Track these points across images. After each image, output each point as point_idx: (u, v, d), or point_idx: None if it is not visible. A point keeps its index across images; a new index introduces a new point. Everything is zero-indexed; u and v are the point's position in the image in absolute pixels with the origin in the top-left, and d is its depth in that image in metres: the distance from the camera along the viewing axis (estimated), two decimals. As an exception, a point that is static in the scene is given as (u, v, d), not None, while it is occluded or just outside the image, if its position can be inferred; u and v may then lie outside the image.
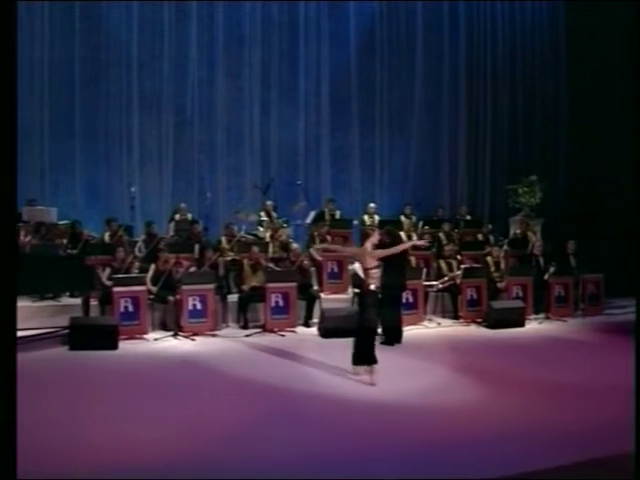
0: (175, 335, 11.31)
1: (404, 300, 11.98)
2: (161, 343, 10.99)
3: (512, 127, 19.26)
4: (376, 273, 8.96)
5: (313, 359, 9.87)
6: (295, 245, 13.49)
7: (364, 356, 8.84)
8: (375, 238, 9.38)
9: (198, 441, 6.72)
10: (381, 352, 9.16)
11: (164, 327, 11.85)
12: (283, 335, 11.71)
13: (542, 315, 13.71)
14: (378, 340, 9.60)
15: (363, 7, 18.32)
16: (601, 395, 8.28)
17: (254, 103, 17.56)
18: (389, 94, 18.53)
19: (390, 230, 11.33)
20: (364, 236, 9.87)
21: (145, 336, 11.23)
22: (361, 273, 9.13)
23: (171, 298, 11.73)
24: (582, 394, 8.36)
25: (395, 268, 10.55)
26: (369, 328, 8.91)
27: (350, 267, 14.09)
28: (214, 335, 11.51)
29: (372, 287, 8.84)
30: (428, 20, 18.72)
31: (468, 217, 17.21)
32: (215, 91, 17.32)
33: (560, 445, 6.62)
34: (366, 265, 8.94)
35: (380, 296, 9.19)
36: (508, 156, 19.15)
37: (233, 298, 12.63)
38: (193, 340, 11.16)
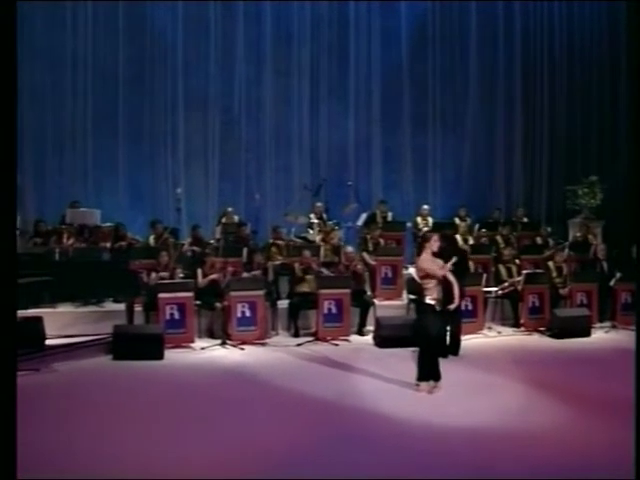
0: (223, 344, 10.79)
1: (463, 307, 11.27)
2: (209, 352, 10.48)
3: (570, 127, 18.55)
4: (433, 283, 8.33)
5: (371, 371, 9.28)
6: (350, 248, 12.89)
7: (430, 372, 8.22)
8: (435, 244, 8.64)
9: (248, 463, 6.23)
10: (441, 365, 8.56)
11: (211, 335, 11.35)
12: (336, 344, 11.12)
13: (607, 323, 12.94)
14: None
15: (415, 4, 17.72)
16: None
17: (303, 102, 17.10)
18: (442, 93, 17.93)
19: (446, 234, 10.67)
20: (423, 241, 9.16)
21: (192, 345, 10.75)
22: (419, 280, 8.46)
23: (218, 305, 11.22)
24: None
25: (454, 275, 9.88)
26: (434, 340, 8.28)
27: (406, 272, 13.58)
28: (264, 344, 10.97)
29: (429, 300, 8.22)
30: (482, 17, 18.04)
31: (525, 219, 16.53)
32: (263, 90, 16.89)
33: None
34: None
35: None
36: (566, 157, 18.45)
37: (283, 304, 12.09)
38: (242, 349, 10.64)
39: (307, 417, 7.54)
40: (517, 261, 13.70)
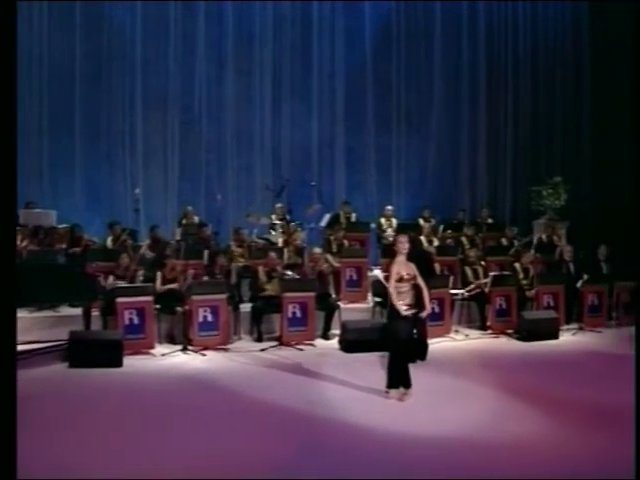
0: (184, 350, 10.40)
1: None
2: (169, 359, 10.09)
3: (534, 128, 18.59)
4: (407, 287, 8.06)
5: (339, 378, 8.96)
6: (317, 249, 12.56)
7: (400, 378, 7.95)
8: (403, 246, 8.32)
9: (213, 476, 5.92)
10: (410, 371, 8.27)
11: (171, 340, 10.98)
12: (301, 349, 10.81)
13: (574, 325, 12.83)
14: None
15: (379, 4, 17.52)
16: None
17: (265, 101, 16.80)
18: (406, 93, 17.80)
19: (410, 236, 10.40)
20: (394, 244, 8.83)
21: (152, 351, 10.35)
22: (390, 287, 8.13)
23: (179, 309, 10.85)
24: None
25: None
26: (404, 346, 8.01)
27: (371, 274, 13.33)
28: (226, 349, 10.63)
29: (401, 305, 7.95)
30: (447, 17, 17.96)
31: (490, 220, 16.43)
32: (224, 89, 16.54)
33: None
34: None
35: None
36: (530, 158, 18.47)
37: (245, 308, 11.75)
38: (204, 355, 10.27)
39: (275, 427, 7.21)
40: (483, 262, 13.54)
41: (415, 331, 9.37)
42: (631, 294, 13.49)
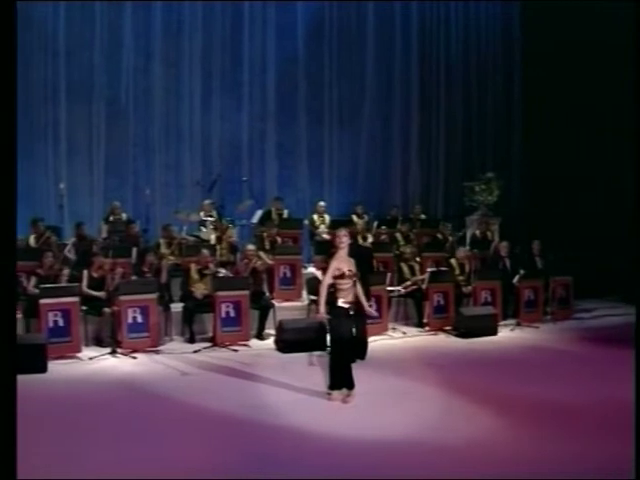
0: (113, 353, 9.92)
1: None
2: (97, 363, 9.59)
3: (466, 124, 18.63)
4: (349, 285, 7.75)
5: (278, 381, 8.61)
6: (251, 246, 12.13)
7: (343, 379, 7.63)
8: (343, 240, 7.98)
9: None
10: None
11: (99, 343, 10.50)
12: (236, 350, 10.42)
13: (511, 321, 12.79)
14: None
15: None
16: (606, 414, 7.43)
17: (194, 95, 16.28)
18: (338, 88, 17.54)
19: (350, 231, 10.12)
20: (333, 238, 8.49)
21: (78, 355, 9.84)
22: (326, 282, 7.79)
23: (107, 310, 10.34)
24: (587, 416, 7.44)
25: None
26: (348, 345, 7.70)
27: (305, 271, 13.06)
28: (157, 351, 10.18)
29: (342, 303, 7.64)
30: (379, 14, 17.78)
31: (422, 216, 16.27)
32: (151, 81, 15.99)
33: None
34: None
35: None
36: (462, 153, 18.49)
37: (176, 308, 11.31)
38: (134, 358, 9.81)
39: (215, 434, 6.80)
40: (418, 259, 13.37)
41: (354, 330, 9.10)
42: (566, 289, 13.53)
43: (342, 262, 7.69)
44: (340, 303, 7.63)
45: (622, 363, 9.59)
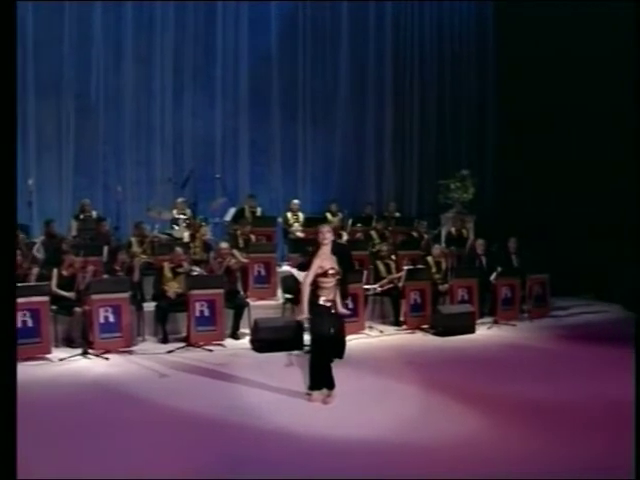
0: (84, 354, 9.64)
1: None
2: (68, 364, 9.32)
3: (440, 122, 18.51)
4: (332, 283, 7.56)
5: (256, 381, 8.41)
6: (224, 244, 11.89)
7: (323, 379, 7.44)
8: (327, 235, 7.78)
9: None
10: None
11: (70, 344, 10.22)
12: (211, 350, 10.20)
13: (488, 319, 12.69)
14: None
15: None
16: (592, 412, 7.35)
17: (165, 91, 15.97)
18: (312, 85, 17.35)
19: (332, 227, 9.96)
20: (317, 234, 8.27)
21: (48, 356, 9.55)
22: (309, 279, 7.59)
23: (78, 309, 10.07)
24: (572, 414, 7.34)
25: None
26: (329, 345, 7.52)
27: (279, 270, 12.86)
28: (130, 352, 9.93)
29: (323, 301, 7.46)
30: (354, 12, 17.62)
31: (397, 214, 16.16)
32: (122, 77, 15.62)
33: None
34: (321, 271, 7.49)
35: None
36: (435, 152, 18.36)
37: (149, 307, 11.06)
38: (106, 359, 9.55)
39: (191, 436, 6.58)
40: (394, 257, 13.25)
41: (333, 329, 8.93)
42: (542, 286, 13.48)
43: (325, 260, 7.50)
44: (321, 301, 7.44)
45: (601, 360, 9.62)
